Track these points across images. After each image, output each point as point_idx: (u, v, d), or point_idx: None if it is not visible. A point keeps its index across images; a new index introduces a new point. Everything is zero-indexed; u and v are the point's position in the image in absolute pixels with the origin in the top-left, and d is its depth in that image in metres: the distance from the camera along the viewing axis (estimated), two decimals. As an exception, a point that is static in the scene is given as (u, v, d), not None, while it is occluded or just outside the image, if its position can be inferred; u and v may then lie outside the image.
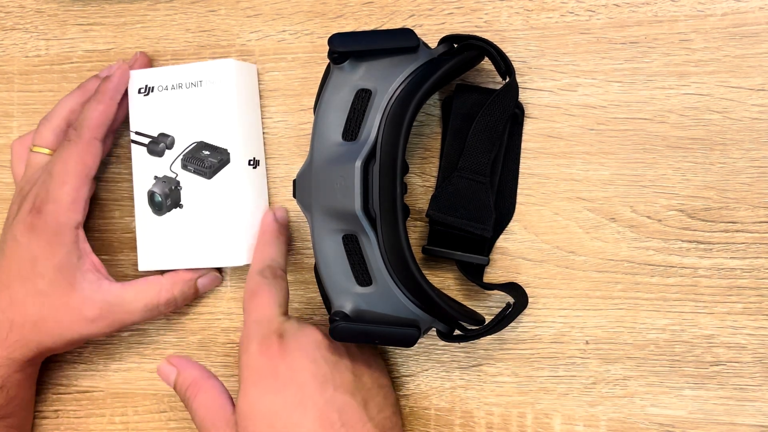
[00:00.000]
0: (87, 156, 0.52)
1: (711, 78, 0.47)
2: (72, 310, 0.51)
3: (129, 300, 0.52)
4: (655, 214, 0.48)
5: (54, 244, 0.51)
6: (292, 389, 0.44)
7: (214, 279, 0.55)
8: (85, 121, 0.52)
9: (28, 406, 0.56)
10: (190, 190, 0.52)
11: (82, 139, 0.52)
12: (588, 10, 0.49)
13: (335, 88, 0.46)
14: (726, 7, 0.47)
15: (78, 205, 0.51)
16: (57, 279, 0.51)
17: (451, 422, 0.51)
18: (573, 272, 0.49)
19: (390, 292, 0.45)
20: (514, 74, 0.47)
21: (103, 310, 0.51)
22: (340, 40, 0.45)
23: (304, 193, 0.47)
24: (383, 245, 0.44)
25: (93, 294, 0.51)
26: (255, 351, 0.45)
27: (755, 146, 0.47)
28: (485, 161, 0.47)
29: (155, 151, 0.53)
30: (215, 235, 0.51)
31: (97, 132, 0.52)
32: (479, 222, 0.47)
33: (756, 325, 0.47)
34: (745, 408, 0.47)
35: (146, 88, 0.53)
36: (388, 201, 0.43)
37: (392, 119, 0.44)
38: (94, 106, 0.52)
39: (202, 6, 0.56)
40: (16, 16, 0.60)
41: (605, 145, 0.49)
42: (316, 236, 0.46)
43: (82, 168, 0.52)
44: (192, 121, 0.52)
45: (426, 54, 0.46)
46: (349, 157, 0.44)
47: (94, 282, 0.52)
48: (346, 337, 0.45)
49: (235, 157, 0.51)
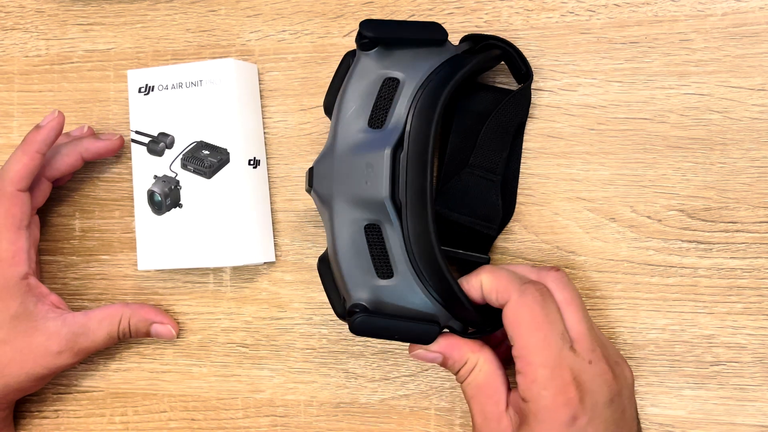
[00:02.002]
0: (13, 208, 0.51)
1: (711, 78, 0.47)
2: (36, 348, 0.52)
3: (93, 329, 0.53)
4: (655, 214, 0.48)
5: (5, 299, 0.51)
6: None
7: (167, 332, 0.55)
8: (7, 173, 0.51)
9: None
10: (190, 190, 0.52)
11: (5, 193, 0.51)
12: (588, 10, 0.49)
13: (361, 75, 0.46)
14: (726, 7, 0.47)
15: (19, 257, 0.52)
16: (16, 326, 0.51)
17: (451, 422, 0.51)
18: (573, 272, 0.49)
19: (411, 286, 0.44)
20: (531, 78, 0.47)
21: (69, 342, 0.52)
22: (371, 26, 0.45)
23: (323, 181, 0.46)
24: (408, 235, 0.43)
25: (58, 329, 0.52)
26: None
27: (755, 146, 0.47)
28: (498, 159, 0.47)
29: (155, 151, 0.53)
30: (215, 234, 0.51)
31: (20, 184, 0.51)
32: (486, 220, 0.47)
33: (756, 325, 0.47)
34: (745, 408, 0.47)
35: (146, 87, 0.53)
36: (417, 190, 0.43)
37: (422, 109, 0.44)
38: (18, 158, 0.52)
39: (202, 6, 0.56)
40: (16, 16, 0.60)
41: (605, 145, 0.49)
42: (337, 226, 0.45)
43: (12, 221, 0.51)
44: (192, 120, 0.52)
45: (451, 49, 0.46)
46: (377, 144, 0.44)
47: (56, 319, 0.52)
48: (365, 330, 0.44)
49: (235, 157, 0.51)
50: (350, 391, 0.53)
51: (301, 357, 0.54)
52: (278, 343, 0.54)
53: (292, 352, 0.54)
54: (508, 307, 0.42)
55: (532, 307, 0.42)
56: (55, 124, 0.52)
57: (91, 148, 0.55)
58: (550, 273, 0.44)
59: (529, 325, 0.42)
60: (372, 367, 0.53)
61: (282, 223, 0.54)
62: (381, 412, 0.52)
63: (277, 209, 0.54)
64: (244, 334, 0.55)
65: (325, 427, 0.53)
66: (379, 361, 0.52)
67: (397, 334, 0.44)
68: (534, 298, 0.42)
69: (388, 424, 0.52)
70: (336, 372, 0.53)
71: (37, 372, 0.52)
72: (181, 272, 0.56)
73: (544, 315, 0.42)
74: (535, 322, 0.42)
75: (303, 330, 0.54)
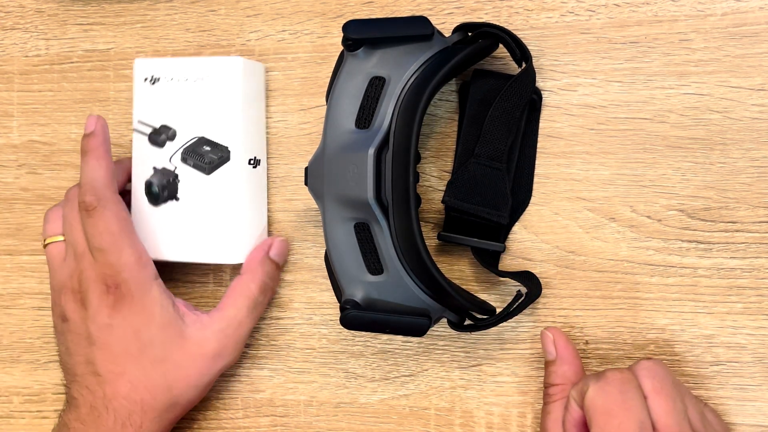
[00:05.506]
0: (121, 212, 0.49)
1: (711, 78, 0.47)
2: (195, 358, 0.49)
3: (233, 315, 0.51)
4: (655, 214, 0.48)
5: (147, 307, 0.48)
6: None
7: (282, 244, 0.53)
8: (96, 182, 0.49)
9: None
10: (188, 184, 0.52)
11: (108, 199, 0.49)
12: (588, 10, 0.49)
13: (349, 76, 0.46)
14: (726, 6, 0.47)
15: (146, 258, 0.49)
16: (166, 338, 0.49)
17: (451, 422, 0.51)
18: (573, 272, 0.49)
19: (401, 281, 0.45)
20: (530, 60, 0.46)
21: (221, 341, 0.50)
22: (355, 27, 0.45)
23: (315, 181, 0.47)
24: (395, 234, 0.44)
25: (203, 332, 0.50)
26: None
27: (755, 146, 0.47)
28: (502, 147, 0.47)
29: (156, 142, 0.53)
30: (209, 231, 0.51)
31: (113, 186, 0.50)
32: (495, 209, 0.47)
33: (756, 325, 0.47)
34: (745, 408, 0.47)
35: (152, 77, 0.53)
36: (400, 190, 0.43)
37: (406, 108, 0.44)
38: (93, 165, 0.49)
39: (202, 6, 0.56)
40: (16, 15, 0.60)
41: (605, 145, 0.49)
42: (328, 224, 0.46)
43: (125, 224, 0.49)
44: (196, 115, 0.52)
45: (440, 42, 0.46)
46: (362, 144, 0.44)
47: (196, 321, 0.50)
48: (356, 325, 0.45)
49: (236, 156, 0.51)
50: (350, 391, 0.53)
51: (301, 357, 0.54)
52: (278, 343, 0.54)
53: (291, 352, 0.54)
54: (588, 392, 0.41)
55: (608, 392, 0.41)
56: (102, 124, 0.50)
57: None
58: (642, 362, 0.43)
59: (603, 411, 0.40)
60: (372, 367, 0.53)
61: (282, 223, 0.54)
62: (381, 412, 0.52)
63: (277, 209, 0.54)
64: (244, 334, 0.55)
65: (325, 427, 0.53)
66: (379, 361, 0.53)
67: (388, 328, 0.45)
68: (613, 385, 0.41)
69: (388, 424, 0.52)
70: (336, 372, 0.53)
71: (203, 382, 0.50)
72: (181, 272, 0.56)
73: (622, 401, 0.40)
74: (610, 408, 0.40)
75: (303, 330, 0.54)
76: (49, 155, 0.59)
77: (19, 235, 0.59)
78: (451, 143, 0.51)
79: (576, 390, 0.43)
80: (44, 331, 0.59)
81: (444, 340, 0.51)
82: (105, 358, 0.49)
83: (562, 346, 0.47)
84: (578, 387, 0.43)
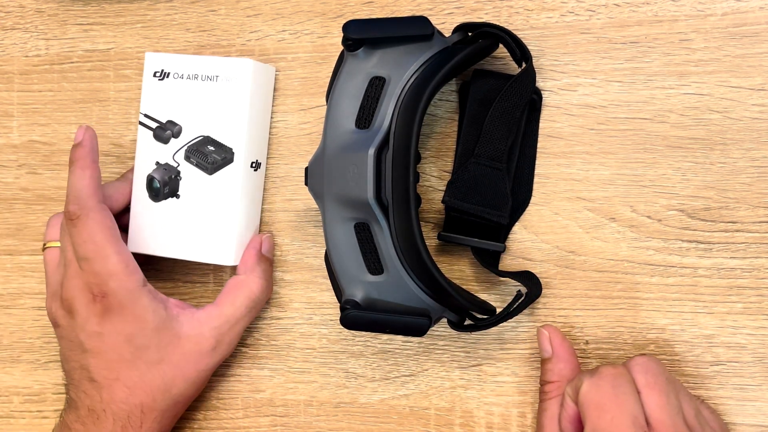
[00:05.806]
0: (106, 220, 0.49)
1: (711, 78, 0.47)
2: (191, 356, 0.50)
3: (231, 313, 0.51)
4: (655, 214, 0.48)
5: (138, 313, 0.48)
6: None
7: (271, 240, 0.53)
8: (80, 191, 0.49)
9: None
10: (189, 182, 0.52)
11: (91, 208, 0.48)
12: (588, 10, 0.49)
13: (349, 76, 0.46)
14: (726, 6, 0.47)
15: (132, 265, 0.49)
16: (162, 341, 0.49)
17: (451, 422, 0.51)
18: (573, 272, 0.49)
19: (401, 281, 0.45)
20: (530, 60, 0.46)
21: (216, 336, 0.50)
22: (355, 27, 0.45)
23: (316, 181, 0.47)
24: (395, 234, 0.44)
25: (198, 329, 0.50)
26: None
27: (755, 146, 0.47)
28: (502, 148, 0.47)
29: (161, 138, 0.53)
30: (206, 230, 0.51)
31: (97, 195, 0.49)
32: (495, 209, 0.47)
33: (756, 325, 0.47)
34: (745, 408, 0.47)
35: (162, 72, 0.53)
36: (400, 190, 0.43)
37: (406, 108, 0.44)
38: (79, 175, 0.49)
39: (202, 6, 0.56)
40: (16, 15, 0.60)
41: (605, 145, 0.49)
42: (328, 224, 0.46)
43: (110, 232, 0.49)
44: (202, 114, 0.52)
45: (440, 42, 0.46)
46: (362, 145, 0.44)
47: (191, 319, 0.50)
48: (356, 325, 0.45)
49: (239, 158, 0.51)
50: (350, 391, 0.53)
51: (301, 357, 0.54)
52: (278, 343, 0.54)
53: (292, 352, 0.54)
54: (581, 388, 0.42)
55: (601, 387, 0.41)
56: (90, 134, 0.50)
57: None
58: (636, 358, 0.43)
59: (596, 406, 0.41)
60: (372, 367, 0.53)
61: (282, 223, 0.54)
62: (381, 412, 0.52)
63: (276, 209, 0.54)
64: (245, 334, 0.54)
65: (325, 426, 0.53)
66: (379, 361, 0.53)
67: (388, 328, 0.45)
68: (606, 380, 0.41)
69: (388, 424, 0.52)
70: (336, 372, 0.53)
71: (201, 377, 0.51)
72: (182, 272, 0.56)
73: (614, 396, 0.40)
74: (603, 402, 0.40)
75: (303, 330, 0.54)
76: (49, 155, 0.59)
77: (19, 235, 0.59)
78: (451, 143, 0.51)
79: (571, 386, 0.43)
80: (44, 331, 0.59)
81: (444, 340, 0.51)
82: (99, 365, 0.49)
83: (558, 344, 0.47)
84: (573, 383, 0.43)
